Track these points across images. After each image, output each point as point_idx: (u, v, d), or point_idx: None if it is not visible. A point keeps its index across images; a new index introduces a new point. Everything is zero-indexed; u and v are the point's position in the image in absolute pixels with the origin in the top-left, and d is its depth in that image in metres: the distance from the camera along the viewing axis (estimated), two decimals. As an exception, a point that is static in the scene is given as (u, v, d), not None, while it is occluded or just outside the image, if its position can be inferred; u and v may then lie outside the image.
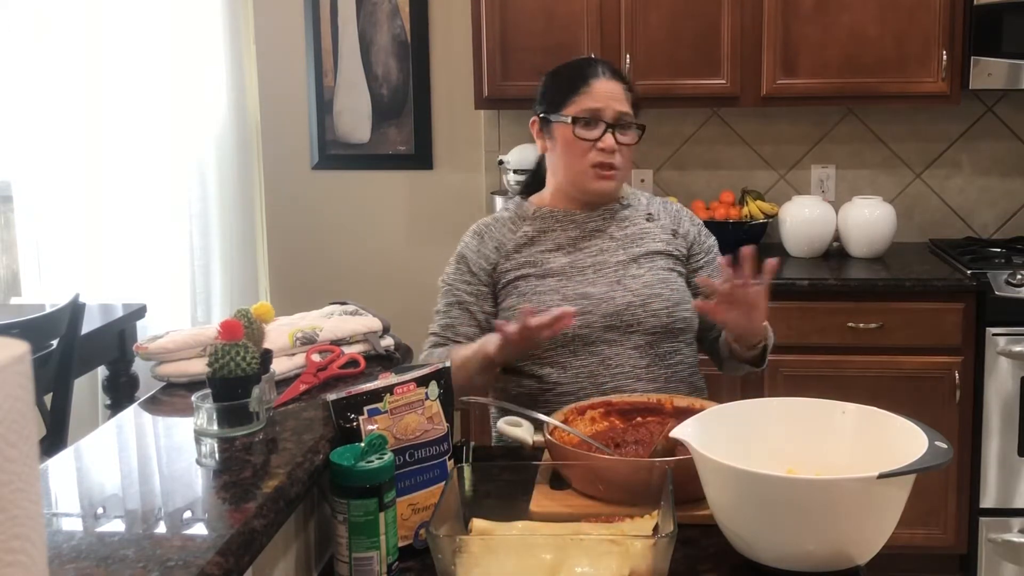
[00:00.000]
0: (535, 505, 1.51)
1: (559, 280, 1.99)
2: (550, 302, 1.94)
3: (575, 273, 1.99)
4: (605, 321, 1.95)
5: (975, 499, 3.24)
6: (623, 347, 1.96)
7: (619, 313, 1.96)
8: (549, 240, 2.03)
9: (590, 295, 1.97)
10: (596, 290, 1.97)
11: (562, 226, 2.04)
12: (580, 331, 1.94)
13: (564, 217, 2.05)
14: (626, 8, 3.44)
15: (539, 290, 1.98)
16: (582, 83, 2.00)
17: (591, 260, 2.01)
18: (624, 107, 2.00)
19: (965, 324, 3.20)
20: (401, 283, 3.99)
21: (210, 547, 1.08)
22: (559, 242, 2.03)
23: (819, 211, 3.57)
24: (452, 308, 2.05)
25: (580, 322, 1.93)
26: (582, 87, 2.00)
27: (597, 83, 2.00)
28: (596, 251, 2.02)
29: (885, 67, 3.41)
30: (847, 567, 1.35)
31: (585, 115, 1.98)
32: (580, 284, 1.98)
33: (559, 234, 2.04)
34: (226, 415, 1.42)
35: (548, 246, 2.03)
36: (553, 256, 2.01)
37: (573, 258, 2.01)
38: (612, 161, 1.99)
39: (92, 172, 3.85)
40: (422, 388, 1.49)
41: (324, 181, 4.03)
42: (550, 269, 2.00)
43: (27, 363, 0.64)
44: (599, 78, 2.01)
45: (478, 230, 2.09)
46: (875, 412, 1.50)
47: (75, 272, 3.87)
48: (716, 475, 1.36)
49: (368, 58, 3.95)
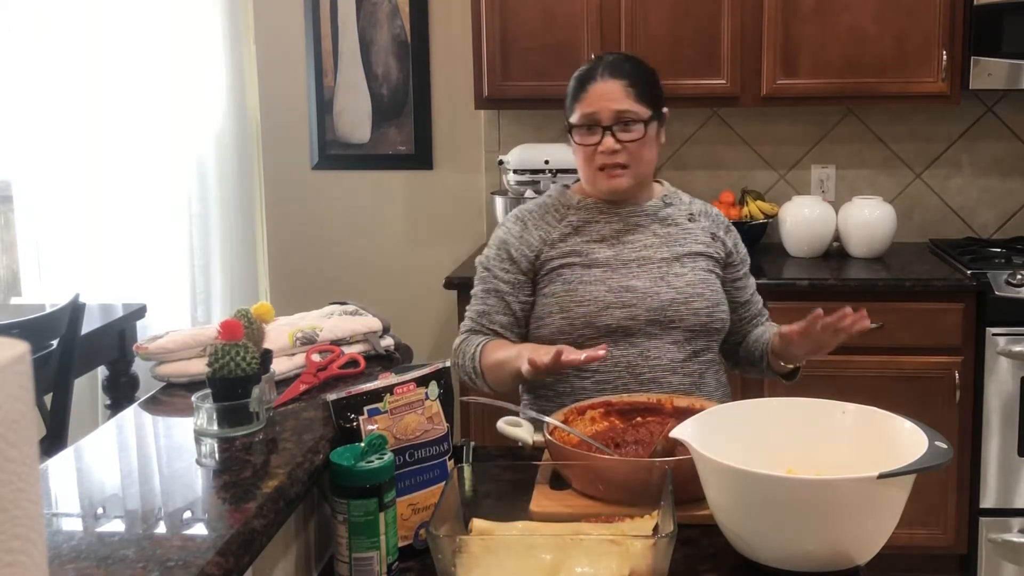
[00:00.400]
0: (535, 505, 1.51)
1: (604, 271, 2.01)
2: (595, 292, 1.99)
3: (619, 265, 2.03)
4: (649, 315, 1.99)
5: (975, 499, 3.24)
6: (662, 341, 2.00)
7: (663, 308, 2.00)
8: (593, 231, 2.06)
9: (634, 288, 2.00)
10: (641, 284, 2.00)
11: (606, 218, 2.07)
12: (624, 323, 1.98)
13: (608, 209, 2.08)
14: (626, 8, 3.44)
15: (584, 279, 2.00)
16: (581, 89, 2.04)
17: (635, 255, 2.04)
18: (623, 105, 2.00)
19: (965, 324, 3.20)
20: (401, 283, 3.99)
21: (210, 547, 1.08)
22: (603, 234, 2.05)
23: (819, 211, 3.57)
24: (489, 296, 2.07)
25: (624, 314, 1.98)
26: (581, 93, 2.04)
27: (593, 87, 2.02)
28: (640, 246, 2.05)
29: (885, 67, 3.41)
30: (847, 567, 1.35)
31: (583, 121, 2.03)
32: (625, 277, 2.01)
33: (603, 226, 2.06)
34: (226, 415, 1.42)
35: (592, 236, 2.05)
36: (598, 247, 2.04)
37: (617, 251, 2.04)
38: (617, 161, 2.01)
39: (92, 172, 3.85)
40: (422, 388, 1.49)
41: (324, 181, 4.03)
42: (595, 259, 2.02)
43: (27, 363, 0.64)
44: (595, 81, 2.03)
45: (521, 216, 2.11)
46: (875, 412, 1.50)
47: (75, 272, 3.87)
48: (716, 475, 1.36)
49: (368, 58, 3.95)
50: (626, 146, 2.01)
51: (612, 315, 1.97)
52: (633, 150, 2.02)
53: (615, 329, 1.97)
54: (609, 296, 1.98)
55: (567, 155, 3.85)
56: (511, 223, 2.11)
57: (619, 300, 1.98)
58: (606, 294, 1.98)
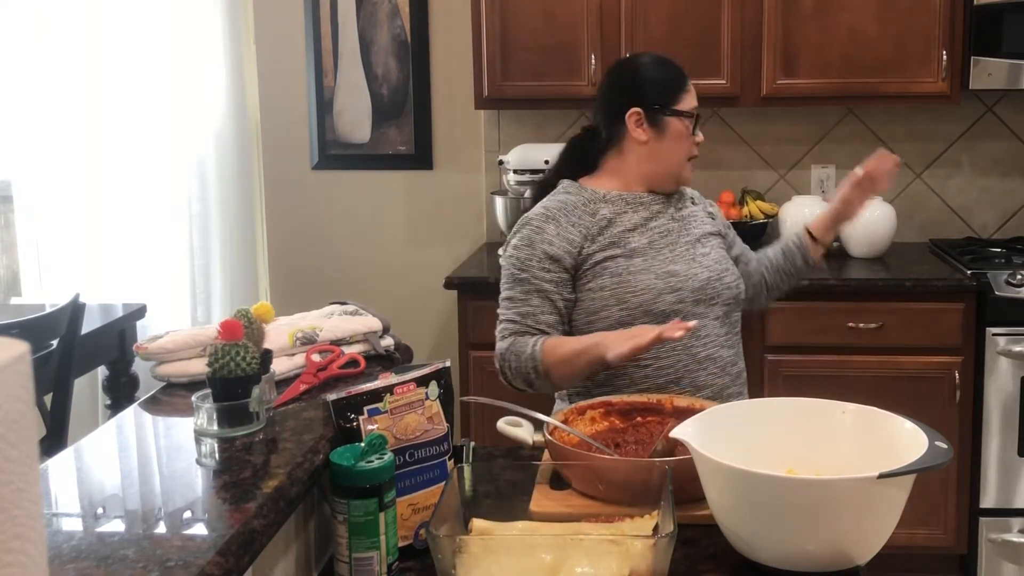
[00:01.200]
0: (535, 505, 1.51)
1: (644, 260, 2.06)
2: (644, 280, 2.03)
3: (655, 252, 2.08)
4: (694, 296, 2.05)
5: (975, 499, 3.24)
6: (708, 319, 2.06)
7: (704, 287, 2.06)
8: (625, 221, 2.10)
9: (676, 272, 2.06)
10: (680, 267, 2.07)
11: (632, 208, 2.12)
12: (675, 306, 2.03)
13: (633, 200, 2.14)
14: (626, 8, 3.44)
15: (631, 270, 2.04)
16: (685, 82, 2.14)
17: (663, 240, 2.10)
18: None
19: (965, 324, 3.20)
20: (401, 283, 3.99)
21: (210, 547, 1.08)
22: (634, 222, 2.10)
23: (819, 211, 3.55)
24: (531, 296, 2.05)
25: (674, 298, 2.03)
26: (686, 86, 2.14)
27: (690, 83, 2.15)
28: (664, 231, 2.12)
29: (885, 67, 3.41)
30: (847, 567, 1.35)
31: (695, 112, 2.14)
32: (664, 263, 2.07)
33: (631, 215, 2.11)
34: (226, 415, 1.42)
35: (625, 226, 2.09)
36: (632, 236, 2.08)
37: (648, 238, 2.09)
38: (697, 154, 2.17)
39: (92, 172, 3.85)
40: (422, 388, 1.49)
41: (324, 181, 4.03)
42: (634, 249, 2.07)
43: (27, 363, 0.64)
44: (688, 79, 2.16)
45: (551, 215, 2.09)
46: (875, 412, 1.50)
47: (75, 272, 3.87)
48: (716, 475, 1.36)
49: (368, 58, 3.95)
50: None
51: (665, 300, 2.02)
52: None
53: (669, 314, 2.01)
54: (658, 283, 2.03)
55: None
56: (542, 222, 2.08)
57: (667, 285, 2.03)
58: (655, 281, 2.03)
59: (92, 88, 3.80)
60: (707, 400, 1.85)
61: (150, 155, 3.87)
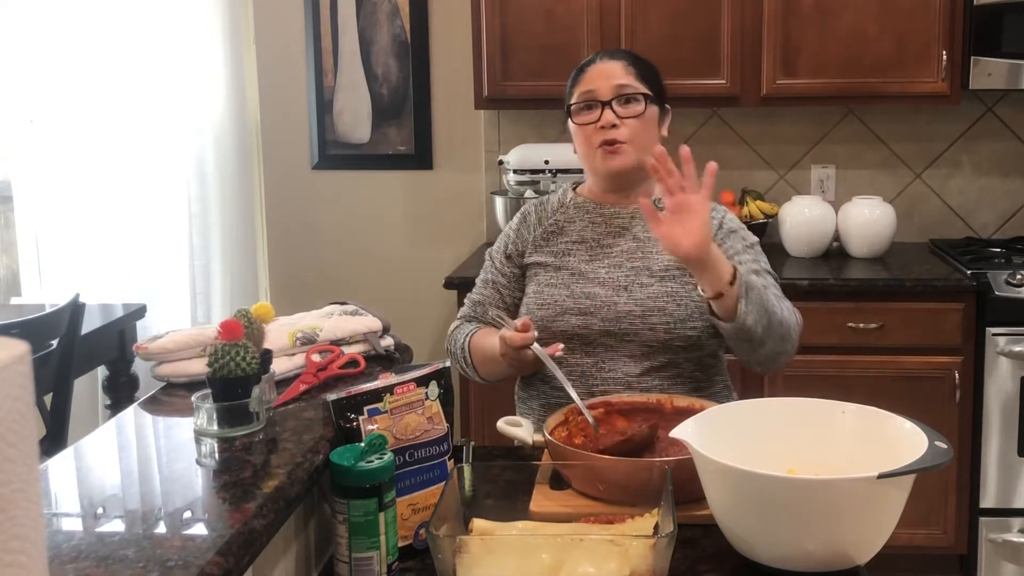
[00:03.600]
0: (535, 505, 1.51)
1: (572, 276, 1.99)
2: (556, 296, 1.97)
3: (589, 271, 1.98)
4: (604, 326, 1.94)
5: (975, 499, 3.24)
6: (618, 353, 1.94)
7: (618, 320, 1.93)
8: (574, 232, 2.03)
9: (595, 296, 1.95)
10: (602, 292, 1.95)
11: (591, 217, 2.04)
12: (579, 331, 1.95)
13: (593, 209, 2.05)
14: (626, 8, 3.44)
15: (551, 283, 1.99)
16: (580, 73, 2.02)
17: (607, 260, 1.99)
18: (623, 80, 1.96)
19: (965, 324, 3.20)
20: (401, 283, 3.99)
21: (210, 547, 1.08)
22: (583, 235, 2.02)
23: (819, 211, 3.57)
24: (486, 286, 2.11)
25: (579, 322, 1.95)
26: (579, 76, 2.02)
27: (592, 68, 2.01)
28: (616, 251, 1.99)
29: (885, 67, 3.41)
30: (847, 567, 1.35)
31: (582, 100, 1.98)
32: (590, 283, 1.97)
33: (585, 226, 2.03)
34: (226, 415, 1.42)
35: (572, 238, 2.03)
36: (574, 248, 2.01)
37: (592, 254, 2.00)
38: (615, 136, 1.94)
39: (92, 172, 3.85)
40: (422, 388, 1.49)
41: (324, 181, 4.03)
42: (566, 263, 2.01)
43: (27, 363, 0.64)
44: (594, 63, 2.01)
45: (525, 211, 2.13)
46: (875, 412, 1.50)
47: (75, 272, 3.87)
48: (716, 475, 1.36)
49: (368, 58, 3.95)
50: (625, 122, 1.95)
51: (568, 321, 1.95)
52: (633, 127, 1.95)
53: (571, 336, 1.95)
54: (568, 301, 1.96)
55: (567, 155, 3.83)
56: (517, 218, 2.13)
57: (577, 306, 1.95)
58: (566, 299, 1.96)
59: (92, 88, 3.80)
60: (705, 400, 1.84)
61: (150, 155, 3.86)
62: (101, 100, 3.82)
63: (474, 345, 2.03)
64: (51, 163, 3.84)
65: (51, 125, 3.82)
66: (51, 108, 3.81)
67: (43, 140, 3.83)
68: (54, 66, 3.79)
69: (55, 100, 3.81)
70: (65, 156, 3.84)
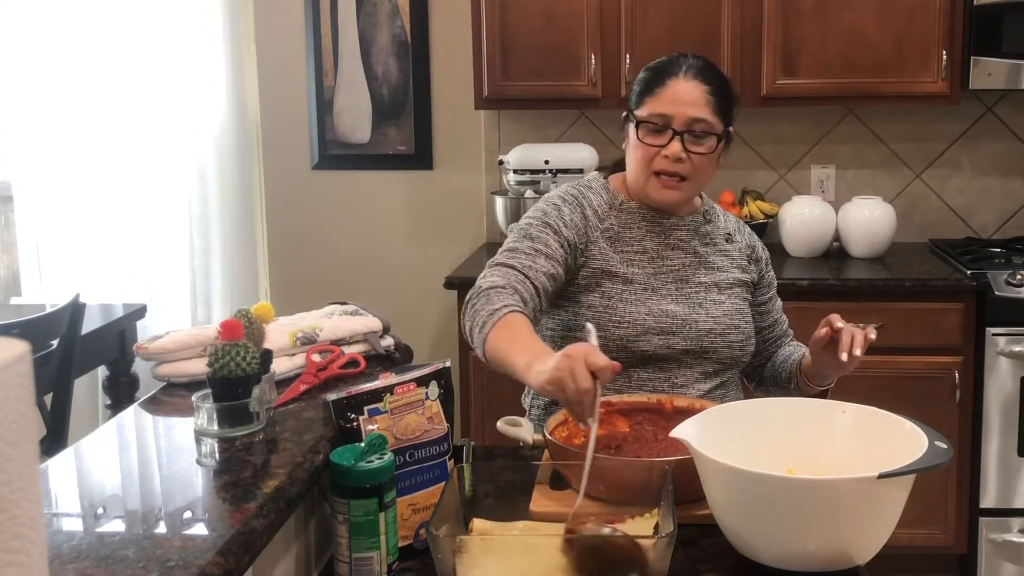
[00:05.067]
0: (535, 505, 1.51)
1: (644, 290, 1.89)
2: (635, 314, 1.86)
3: (659, 286, 1.90)
4: (686, 344, 1.88)
5: (975, 499, 3.24)
6: (693, 370, 1.90)
7: (700, 338, 1.89)
8: (634, 240, 1.92)
9: (674, 314, 1.88)
10: (680, 310, 1.89)
11: (648, 226, 1.93)
12: (662, 351, 1.87)
13: (651, 217, 1.93)
14: (626, 8, 3.44)
15: (624, 297, 1.87)
16: (658, 83, 1.88)
17: (674, 276, 1.92)
18: (700, 113, 1.85)
19: (965, 324, 3.20)
20: (401, 283, 3.99)
21: (210, 547, 1.08)
22: (645, 245, 1.92)
23: (819, 211, 3.57)
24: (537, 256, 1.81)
25: (663, 342, 1.86)
26: (657, 88, 1.87)
27: (673, 84, 1.86)
28: (679, 265, 1.93)
29: (885, 67, 3.41)
30: (847, 567, 1.35)
31: (654, 120, 1.86)
32: (664, 299, 1.89)
33: (644, 235, 1.92)
34: (226, 415, 1.42)
35: (634, 247, 1.91)
36: (637, 259, 1.91)
37: (656, 267, 1.91)
38: (677, 170, 1.86)
39: (92, 172, 3.85)
40: (422, 388, 1.49)
41: (324, 181, 4.03)
42: (635, 275, 1.89)
43: (27, 363, 0.64)
44: (677, 78, 1.86)
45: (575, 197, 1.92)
46: (875, 412, 1.50)
47: (75, 272, 3.87)
48: (716, 475, 1.36)
49: (368, 58, 3.95)
50: (692, 158, 1.85)
51: (650, 342, 1.86)
52: (698, 164, 1.87)
53: (651, 356, 1.86)
54: (649, 320, 1.86)
55: (567, 155, 3.88)
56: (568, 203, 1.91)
57: (658, 326, 1.86)
58: (646, 317, 1.86)
59: (92, 88, 3.80)
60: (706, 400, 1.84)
61: (150, 155, 3.86)
62: (101, 100, 3.82)
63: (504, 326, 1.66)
64: (51, 163, 3.84)
65: (52, 125, 3.83)
66: (51, 108, 3.81)
67: (43, 140, 3.84)
68: (54, 66, 3.79)
69: (55, 100, 3.81)
70: (65, 156, 3.84)
